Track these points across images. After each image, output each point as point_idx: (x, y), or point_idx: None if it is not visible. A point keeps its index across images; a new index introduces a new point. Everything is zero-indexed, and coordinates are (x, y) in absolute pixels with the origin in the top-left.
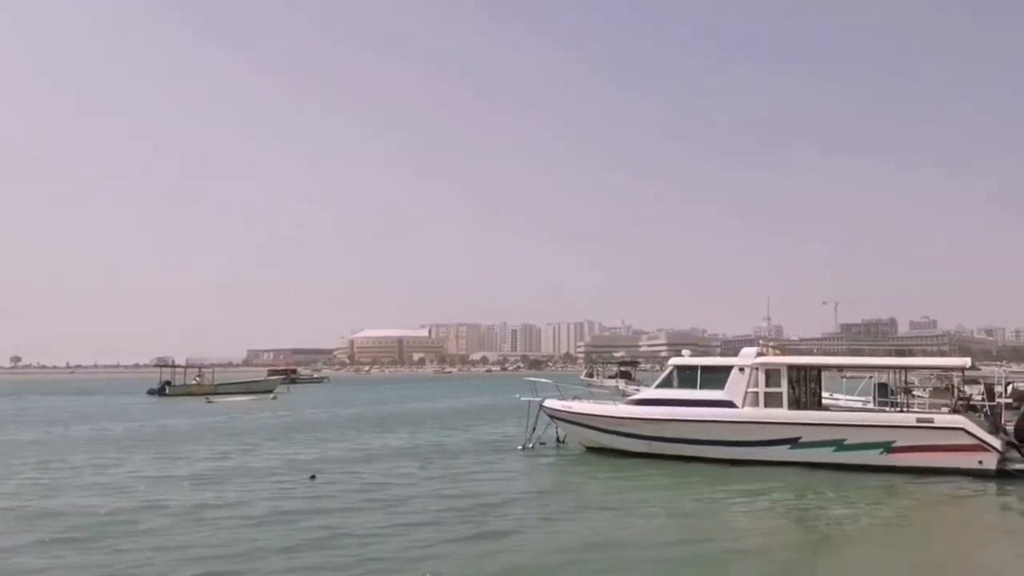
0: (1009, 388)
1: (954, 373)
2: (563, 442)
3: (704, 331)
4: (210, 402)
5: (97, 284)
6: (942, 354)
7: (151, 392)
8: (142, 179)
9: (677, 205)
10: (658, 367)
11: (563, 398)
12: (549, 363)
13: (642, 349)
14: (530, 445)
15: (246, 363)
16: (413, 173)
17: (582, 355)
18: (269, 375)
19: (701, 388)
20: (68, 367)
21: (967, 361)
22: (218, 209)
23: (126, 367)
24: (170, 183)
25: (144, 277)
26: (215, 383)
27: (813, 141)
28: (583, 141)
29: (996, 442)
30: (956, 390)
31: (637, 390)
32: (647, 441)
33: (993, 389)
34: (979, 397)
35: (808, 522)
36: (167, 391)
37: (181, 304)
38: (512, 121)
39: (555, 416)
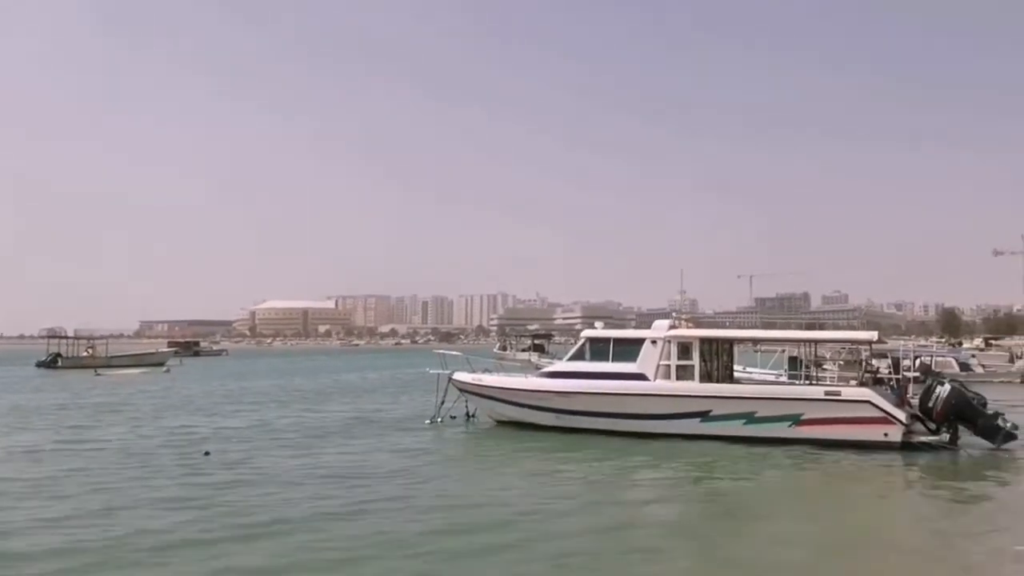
0: (916, 362)
1: (862, 347)
2: (473, 416)
3: (619, 304)
4: (98, 375)
5: None
6: (852, 328)
7: (40, 364)
8: (28, 147)
9: (596, 175)
10: (572, 340)
11: (473, 371)
12: (461, 336)
13: (557, 322)
14: (439, 419)
15: (138, 335)
16: (320, 145)
17: (495, 328)
18: (169, 347)
19: (613, 360)
20: None
21: (874, 335)
22: (106, 176)
23: (10, 338)
24: (59, 151)
25: (25, 246)
26: (108, 355)
27: (737, 113)
28: (497, 106)
29: (901, 415)
30: (864, 363)
31: (551, 363)
32: (558, 414)
33: (900, 362)
34: (886, 370)
35: (715, 495)
36: (59, 363)
37: (68, 275)
38: (419, 87)
39: (464, 389)
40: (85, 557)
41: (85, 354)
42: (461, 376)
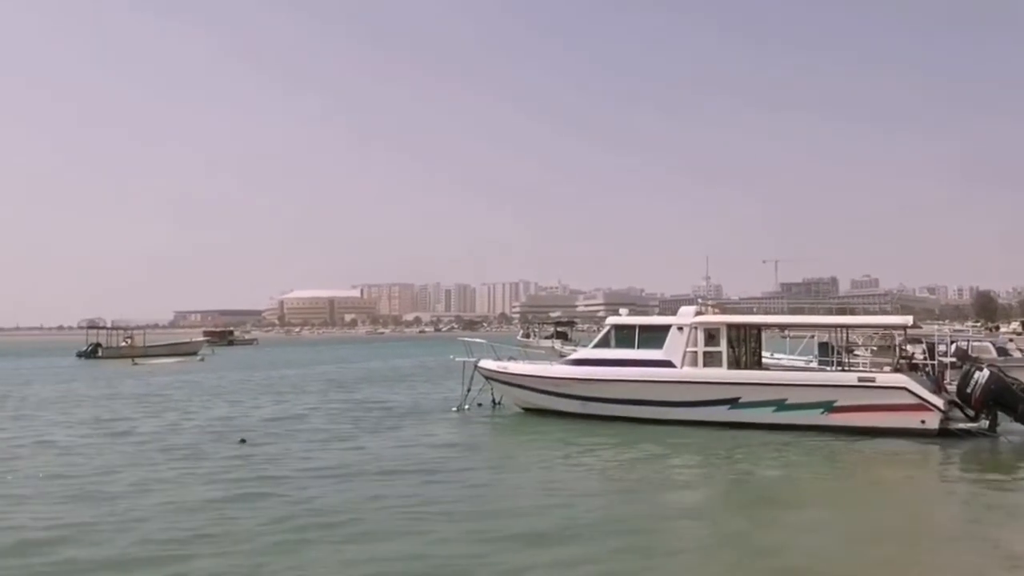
0: (952, 347)
1: (896, 332)
2: (500, 403)
3: (642, 290)
4: (136, 364)
5: (18, 245)
6: (884, 313)
7: (80, 354)
8: (61, 139)
9: (616, 163)
10: (595, 327)
11: (498, 359)
12: (484, 324)
13: (579, 309)
14: (465, 407)
15: (172, 325)
16: (345, 134)
17: (518, 315)
18: (205, 336)
19: (639, 348)
20: None
21: (908, 319)
22: (141, 169)
23: (49, 329)
24: (90, 144)
25: (67, 238)
26: (145, 345)
27: (757, 98)
28: (521, 100)
29: (938, 401)
30: (898, 349)
31: (574, 351)
32: (584, 402)
33: (935, 348)
34: (921, 356)
35: (746, 485)
36: (99, 353)
37: (104, 265)
38: (447, 81)
39: (490, 377)
40: (114, 558)
41: (123, 344)
42: (487, 364)
